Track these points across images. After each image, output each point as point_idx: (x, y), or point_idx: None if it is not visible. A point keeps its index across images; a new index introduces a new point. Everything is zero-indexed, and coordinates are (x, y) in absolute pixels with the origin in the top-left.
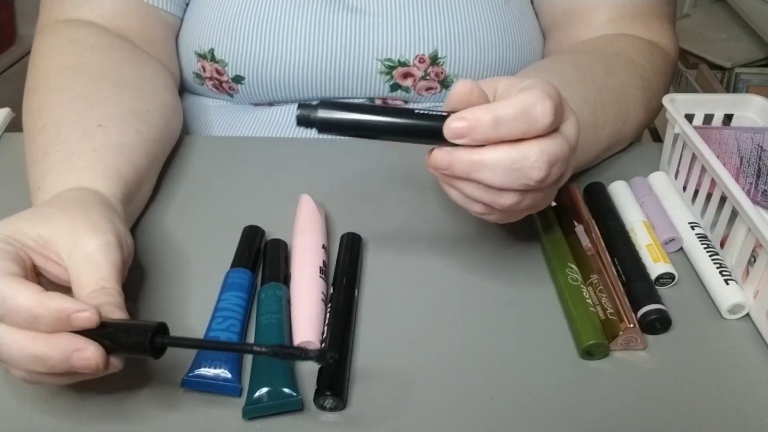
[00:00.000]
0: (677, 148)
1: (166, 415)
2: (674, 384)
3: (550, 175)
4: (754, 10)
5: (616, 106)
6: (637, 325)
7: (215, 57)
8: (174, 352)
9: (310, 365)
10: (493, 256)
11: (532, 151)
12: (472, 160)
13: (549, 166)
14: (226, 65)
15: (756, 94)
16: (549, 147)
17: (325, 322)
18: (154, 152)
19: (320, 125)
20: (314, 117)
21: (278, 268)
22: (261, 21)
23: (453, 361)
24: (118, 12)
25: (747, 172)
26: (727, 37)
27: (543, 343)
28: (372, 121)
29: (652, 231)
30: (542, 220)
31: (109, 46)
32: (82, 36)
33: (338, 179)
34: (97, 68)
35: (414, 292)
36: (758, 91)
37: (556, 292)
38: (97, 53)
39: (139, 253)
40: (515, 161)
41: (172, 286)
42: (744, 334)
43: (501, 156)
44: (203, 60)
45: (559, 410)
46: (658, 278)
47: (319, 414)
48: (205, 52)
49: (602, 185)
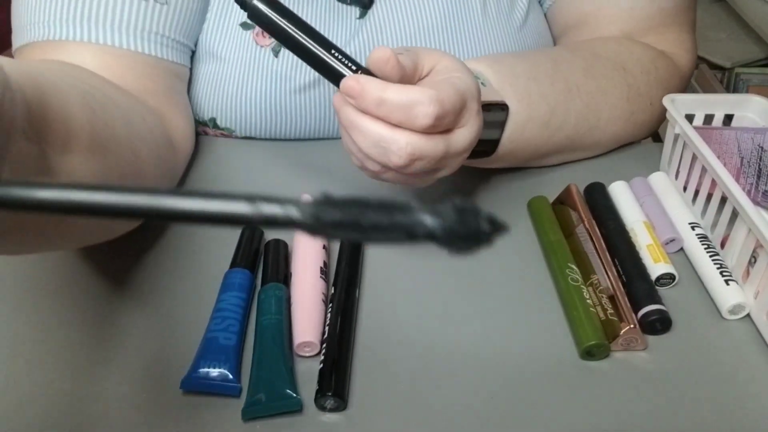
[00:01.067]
0: (677, 148)
1: (165, 415)
2: (674, 384)
3: (411, 167)
4: (754, 10)
5: (584, 110)
6: (637, 325)
7: (218, 125)
8: (174, 352)
9: (310, 365)
10: (492, 257)
11: (401, 140)
12: (350, 119)
13: (410, 159)
14: (233, 131)
15: (756, 94)
16: (418, 143)
17: (326, 322)
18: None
19: (250, 12)
20: (249, 3)
21: (278, 268)
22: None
23: (453, 362)
24: (106, 66)
25: (747, 173)
26: (727, 37)
27: (543, 343)
28: (293, 38)
29: (652, 231)
30: (542, 221)
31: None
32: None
33: (338, 179)
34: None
35: (414, 292)
36: (758, 91)
37: (557, 292)
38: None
39: (139, 253)
40: (383, 139)
41: (171, 286)
42: (744, 334)
43: (374, 128)
44: (204, 126)
45: (559, 410)
46: (659, 279)
47: (319, 414)
48: (206, 120)
49: (602, 185)
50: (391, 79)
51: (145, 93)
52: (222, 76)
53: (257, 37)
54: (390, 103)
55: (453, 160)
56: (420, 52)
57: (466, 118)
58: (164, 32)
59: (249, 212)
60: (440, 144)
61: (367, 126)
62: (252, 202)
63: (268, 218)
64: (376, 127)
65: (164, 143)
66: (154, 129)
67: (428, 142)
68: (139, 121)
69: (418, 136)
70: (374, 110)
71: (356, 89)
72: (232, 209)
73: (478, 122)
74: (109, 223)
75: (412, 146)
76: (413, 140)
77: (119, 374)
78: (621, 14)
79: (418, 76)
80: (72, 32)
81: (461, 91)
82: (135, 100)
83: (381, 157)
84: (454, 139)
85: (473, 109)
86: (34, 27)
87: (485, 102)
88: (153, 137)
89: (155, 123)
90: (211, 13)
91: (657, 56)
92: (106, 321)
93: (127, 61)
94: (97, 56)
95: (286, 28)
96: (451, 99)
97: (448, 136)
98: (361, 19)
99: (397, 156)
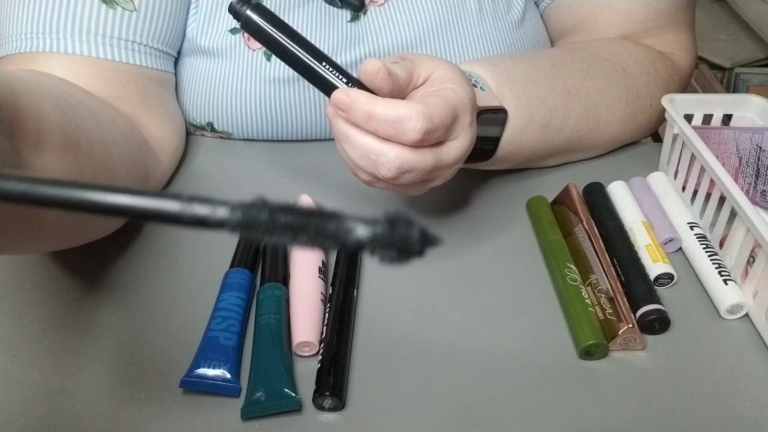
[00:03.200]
0: (676, 148)
1: (164, 415)
2: (673, 384)
3: (400, 179)
4: (754, 10)
5: (583, 112)
6: (636, 325)
7: (216, 129)
8: (173, 352)
9: (309, 365)
10: (492, 257)
11: (391, 153)
12: (342, 131)
13: (399, 172)
14: (231, 134)
15: (756, 94)
16: (407, 157)
17: (324, 322)
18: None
19: (244, 22)
20: (242, 13)
21: (277, 268)
22: (259, 97)
23: (452, 362)
24: (74, 74)
25: (746, 173)
26: (727, 37)
27: (542, 343)
28: (285, 48)
29: (651, 231)
30: (541, 220)
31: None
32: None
33: (338, 179)
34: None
35: (413, 292)
36: (758, 91)
37: (555, 292)
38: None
39: (139, 253)
40: (372, 151)
41: (171, 286)
42: (743, 334)
43: (363, 141)
44: (203, 130)
45: (558, 410)
46: (657, 278)
47: (317, 414)
48: (203, 124)
49: (601, 185)
50: (382, 91)
51: (116, 99)
52: (215, 81)
53: (248, 41)
54: (378, 118)
55: (444, 171)
56: (416, 60)
57: (458, 131)
58: (135, 39)
59: (179, 210)
60: (429, 157)
61: (357, 138)
62: (184, 202)
63: (198, 218)
64: (366, 139)
65: (137, 146)
66: (126, 132)
67: (417, 156)
68: (110, 123)
69: (407, 150)
70: (363, 124)
71: (346, 102)
72: (162, 207)
73: (470, 134)
74: (83, 224)
75: (400, 159)
76: (402, 154)
77: (119, 373)
78: (618, 17)
79: (413, 85)
80: (40, 44)
81: (452, 105)
82: (105, 104)
83: (371, 168)
84: (444, 152)
85: (465, 122)
86: (2, 42)
87: (484, 107)
88: (125, 140)
89: (126, 126)
90: (199, 16)
91: (656, 57)
92: (105, 320)
93: (96, 69)
94: (65, 65)
95: (279, 39)
96: (441, 114)
97: (438, 149)
98: (355, 22)
99: (386, 168)
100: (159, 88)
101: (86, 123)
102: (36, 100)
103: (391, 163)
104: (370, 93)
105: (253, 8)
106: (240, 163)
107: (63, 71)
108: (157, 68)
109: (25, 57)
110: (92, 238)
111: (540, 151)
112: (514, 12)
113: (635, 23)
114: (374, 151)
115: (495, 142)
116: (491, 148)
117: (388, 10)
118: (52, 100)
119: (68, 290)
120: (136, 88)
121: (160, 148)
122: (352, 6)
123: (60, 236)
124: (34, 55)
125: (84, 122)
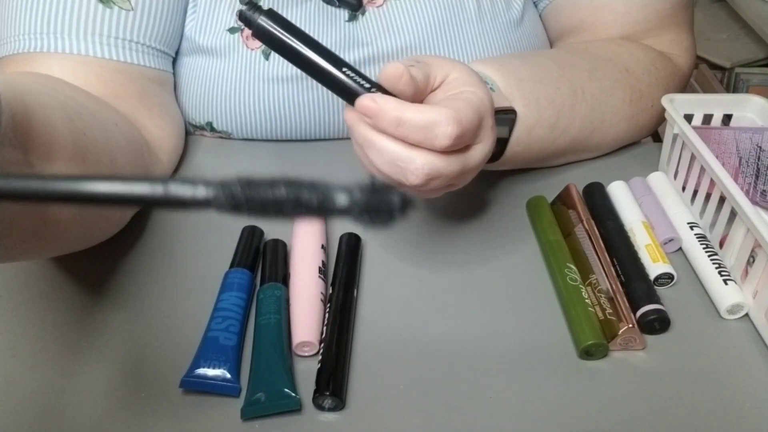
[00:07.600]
0: (676, 148)
1: (164, 415)
2: (673, 384)
3: (427, 185)
4: (754, 10)
5: (588, 113)
6: (635, 325)
7: (215, 128)
8: (173, 351)
9: (309, 365)
10: (491, 257)
11: (418, 160)
12: (366, 137)
13: (428, 178)
14: (230, 134)
15: (756, 94)
16: (435, 163)
17: (324, 322)
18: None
19: (256, 30)
20: (254, 20)
21: (277, 268)
22: (257, 96)
23: (452, 361)
24: (72, 74)
25: (746, 172)
26: (727, 37)
27: (542, 343)
28: (302, 56)
29: (651, 231)
30: (541, 220)
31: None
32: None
33: (337, 179)
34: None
35: (413, 292)
36: (758, 91)
37: (555, 292)
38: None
39: (139, 254)
40: (399, 159)
41: (171, 286)
42: (743, 334)
43: (391, 147)
44: (202, 130)
45: (558, 410)
46: (657, 278)
47: (317, 414)
48: (202, 124)
49: (601, 185)
50: (404, 95)
51: (114, 99)
52: (214, 80)
53: (247, 41)
54: (409, 124)
55: (468, 176)
56: (431, 62)
57: (482, 135)
58: (132, 38)
59: (157, 193)
60: (456, 162)
61: (383, 145)
62: (161, 184)
63: (177, 198)
64: (394, 146)
65: (138, 147)
66: (127, 134)
67: (445, 162)
68: (113, 127)
69: (435, 156)
70: (392, 131)
71: (373, 109)
72: (139, 191)
73: (492, 137)
74: (90, 227)
75: (429, 166)
76: (430, 160)
77: (119, 373)
78: (617, 18)
79: (430, 88)
80: (38, 44)
81: (477, 109)
82: (107, 107)
83: (397, 175)
84: (470, 156)
85: (488, 125)
86: (1, 43)
87: (495, 108)
88: (127, 142)
89: (128, 128)
90: (197, 15)
91: (657, 57)
92: (105, 320)
93: (94, 68)
94: (64, 65)
95: (296, 47)
96: (469, 118)
97: (464, 154)
98: (353, 23)
99: (414, 176)
100: (157, 88)
101: (93, 131)
102: (47, 111)
103: (419, 170)
104: (395, 98)
105: (265, 15)
106: (239, 163)
107: (61, 71)
108: (155, 67)
109: (24, 58)
110: (97, 240)
111: (546, 151)
112: (513, 12)
113: (634, 24)
114: (402, 158)
115: (503, 143)
116: (500, 149)
117: (387, 12)
118: (60, 109)
119: (68, 290)
120: (135, 87)
121: (159, 147)
122: (350, 5)
123: (67, 242)
124: (32, 56)
125: (91, 130)
